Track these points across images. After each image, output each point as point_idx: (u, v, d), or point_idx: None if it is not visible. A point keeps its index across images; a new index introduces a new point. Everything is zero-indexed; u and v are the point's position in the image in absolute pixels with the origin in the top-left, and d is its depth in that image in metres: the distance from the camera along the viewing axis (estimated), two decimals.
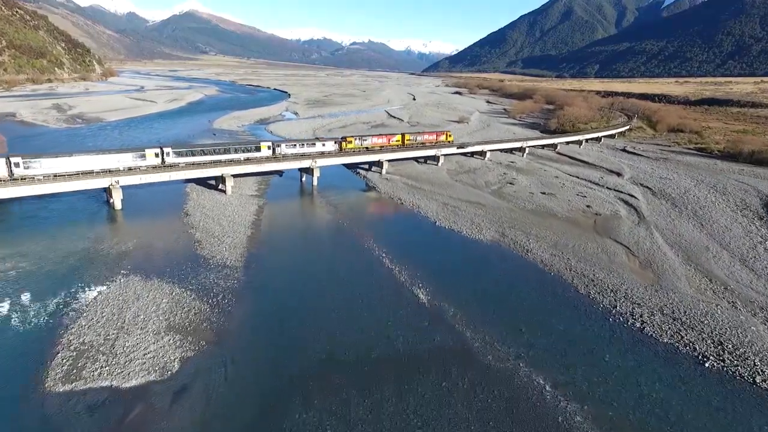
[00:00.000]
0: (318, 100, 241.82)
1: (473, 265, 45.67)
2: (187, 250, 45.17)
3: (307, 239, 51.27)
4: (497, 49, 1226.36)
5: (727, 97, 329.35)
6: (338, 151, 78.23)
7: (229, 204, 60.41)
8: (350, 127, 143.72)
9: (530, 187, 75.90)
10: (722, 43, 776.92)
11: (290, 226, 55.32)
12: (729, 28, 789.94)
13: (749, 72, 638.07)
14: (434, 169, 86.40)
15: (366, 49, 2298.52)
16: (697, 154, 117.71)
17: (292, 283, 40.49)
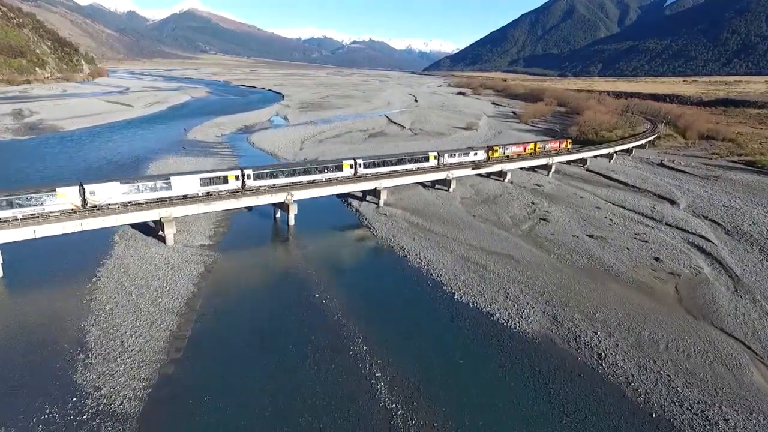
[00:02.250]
0: (313, 102, 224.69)
1: (519, 392, 28.52)
2: (57, 373, 28.05)
3: (263, 335, 34.09)
4: (499, 48, 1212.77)
5: (741, 98, 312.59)
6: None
7: (165, 262, 43.34)
8: (345, 136, 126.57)
9: (571, 225, 58.71)
10: (727, 42, 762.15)
11: (240, 304, 38.01)
12: (734, 26, 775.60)
13: (755, 71, 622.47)
14: (444, 197, 69.23)
15: (366, 48, 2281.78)
16: (748, 169, 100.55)
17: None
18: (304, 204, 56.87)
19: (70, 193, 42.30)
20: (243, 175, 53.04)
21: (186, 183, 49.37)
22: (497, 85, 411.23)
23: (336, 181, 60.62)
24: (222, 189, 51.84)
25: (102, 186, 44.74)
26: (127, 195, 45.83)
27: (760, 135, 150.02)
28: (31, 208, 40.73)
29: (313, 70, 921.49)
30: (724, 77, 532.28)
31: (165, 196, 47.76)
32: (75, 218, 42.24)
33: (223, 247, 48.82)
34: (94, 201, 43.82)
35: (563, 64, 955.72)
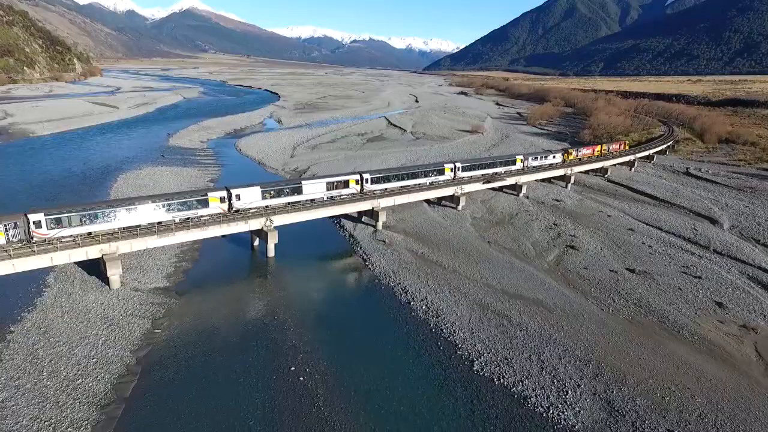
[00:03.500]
0: (309, 103, 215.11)
1: None
2: None
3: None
4: (499, 47, 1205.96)
5: (750, 98, 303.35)
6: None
7: (102, 316, 33.94)
8: (341, 141, 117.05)
9: (604, 255, 49.25)
10: (730, 41, 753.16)
11: (188, 385, 28.52)
12: (737, 25, 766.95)
13: (759, 70, 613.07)
14: (452, 218, 59.73)
15: (367, 46, 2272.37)
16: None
17: None
18: (287, 228, 47.55)
19: (220, 197, 44.33)
20: (362, 179, 54.29)
21: (314, 187, 50.84)
22: (499, 84, 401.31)
23: (326, 202, 51.24)
24: (344, 193, 53.15)
25: (245, 190, 46.05)
26: (265, 200, 47.22)
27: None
28: (191, 211, 42.80)
29: (312, 70, 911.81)
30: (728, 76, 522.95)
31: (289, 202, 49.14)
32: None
33: (181, 289, 39.37)
34: (238, 205, 45.46)
35: (564, 63, 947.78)
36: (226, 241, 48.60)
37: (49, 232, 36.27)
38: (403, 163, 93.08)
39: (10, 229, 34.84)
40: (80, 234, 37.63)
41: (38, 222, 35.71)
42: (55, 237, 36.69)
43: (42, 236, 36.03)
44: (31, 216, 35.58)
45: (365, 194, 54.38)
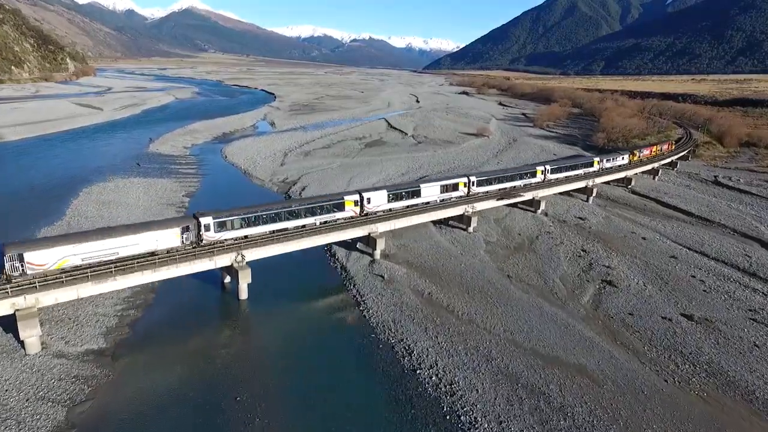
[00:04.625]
0: (306, 104, 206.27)
1: None
2: None
3: None
4: (500, 46, 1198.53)
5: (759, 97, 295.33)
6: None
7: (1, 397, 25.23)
8: (337, 146, 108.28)
9: (650, 294, 40.50)
10: (732, 39, 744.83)
11: None
12: (739, 23, 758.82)
13: (761, 69, 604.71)
14: (463, 242, 50.96)
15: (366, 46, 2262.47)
16: None
17: None
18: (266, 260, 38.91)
19: (354, 200, 45.71)
20: (469, 182, 56.11)
21: (430, 190, 52.59)
22: (501, 84, 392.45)
23: (316, 229, 42.50)
24: (454, 196, 54.84)
25: (374, 194, 47.63)
26: (390, 203, 48.78)
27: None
28: (329, 215, 43.94)
29: (311, 69, 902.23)
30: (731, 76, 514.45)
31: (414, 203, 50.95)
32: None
33: (121, 351, 30.65)
34: (368, 208, 46.68)
35: (565, 62, 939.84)
36: (191, 277, 39.82)
37: (215, 235, 37.40)
38: (404, 172, 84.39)
39: (184, 233, 35.92)
40: (238, 237, 38.54)
41: (207, 225, 37.11)
42: (218, 240, 37.48)
43: (209, 239, 37.19)
44: (202, 219, 36.89)
45: (362, 218, 45.76)
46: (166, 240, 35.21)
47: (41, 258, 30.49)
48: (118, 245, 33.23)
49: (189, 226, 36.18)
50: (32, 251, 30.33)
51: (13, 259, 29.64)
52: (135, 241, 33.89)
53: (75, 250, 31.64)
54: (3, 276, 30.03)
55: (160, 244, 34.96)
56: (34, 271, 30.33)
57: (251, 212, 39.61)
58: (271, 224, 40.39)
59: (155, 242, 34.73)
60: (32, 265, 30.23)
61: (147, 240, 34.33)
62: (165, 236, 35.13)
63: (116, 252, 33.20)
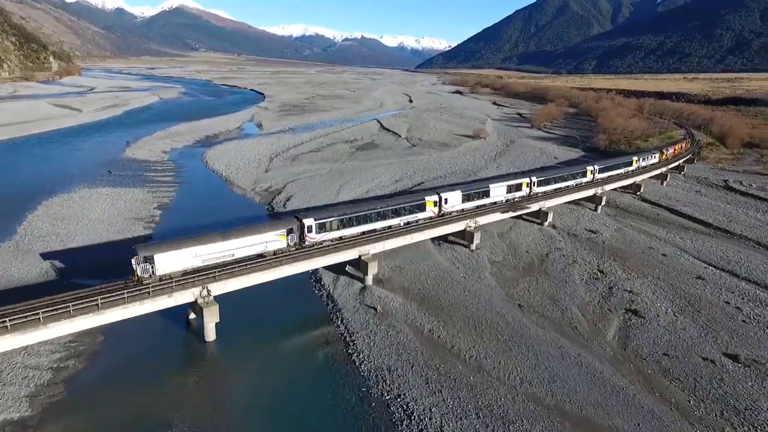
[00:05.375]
0: (296, 104, 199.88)
1: None
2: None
3: None
4: (492, 45, 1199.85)
5: (751, 96, 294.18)
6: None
7: None
8: (327, 149, 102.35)
9: (683, 326, 35.18)
10: (721, 38, 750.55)
11: None
12: (728, 22, 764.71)
13: (750, 68, 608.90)
14: (466, 263, 45.36)
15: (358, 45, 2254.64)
16: None
17: None
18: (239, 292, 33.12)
19: (434, 201, 46.56)
20: (531, 182, 57.05)
21: (498, 190, 53.34)
22: (495, 83, 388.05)
23: (299, 255, 36.69)
24: (518, 196, 55.87)
25: (451, 194, 48.36)
26: (464, 203, 49.70)
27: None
28: (413, 215, 44.93)
29: (302, 68, 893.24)
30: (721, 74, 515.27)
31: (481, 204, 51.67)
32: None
33: (47, 421, 24.62)
34: (445, 209, 47.58)
35: (557, 61, 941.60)
36: (151, 317, 33.82)
37: (316, 236, 38.07)
38: (398, 178, 78.73)
39: (289, 234, 36.62)
40: (335, 238, 39.26)
41: (310, 227, 37.68)
42: (318, 242, 38.28)
43: (311, 240, 37.86)
44: (305, 221, 37.43)
45: (348, 240, 40.05)
46: (275, 242, 36.13)
47: (169, 260, 31.34)
48: (234, 247, 34.16)
49: (293, 228, 37.06)
50: (162, 253, 31.03)
51: (145, 261, 30.40)
52: (249, 243, 34.84)
53: (197, 252, 32.55)
54: (134, 278, 30.54)
55: (269, 246, 35.93)
56: (162, 272, 31.09)
57: (345, 213, 40.44)
58: (362, 225, 41.14)
59: (265, 244, 35.68)
60: (161, 267, 31.10)
61: (258, 242, 35.27)
62: (273, 238, 36.03)
63: (232, 254, 34.14)
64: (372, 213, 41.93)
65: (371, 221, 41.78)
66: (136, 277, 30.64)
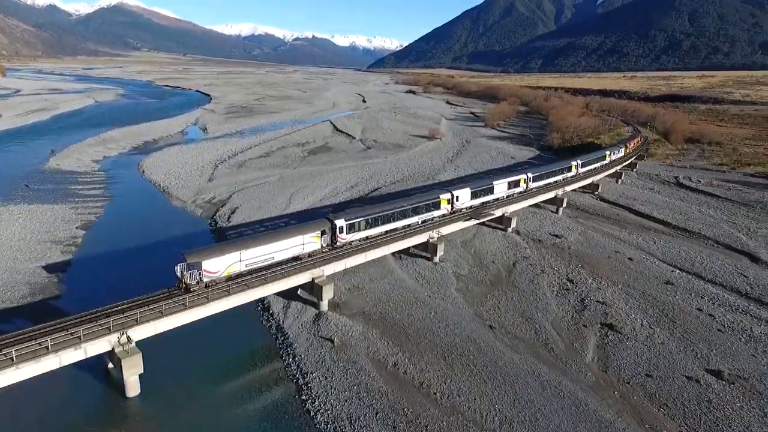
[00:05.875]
0: (245, 106, 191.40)
1: None
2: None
3: None
4: (442, 45, 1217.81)
5: (685, 93, 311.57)
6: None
7: None
8: (277, 153, 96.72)
9: (660, 340, 33.10)
10: (656, 39, 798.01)
11: None
12: (661, 24, 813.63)
13: (682, 66, 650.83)
14: (429, 278, 41.84)
15: (309, 44, 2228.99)
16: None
17: None
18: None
19: (447, 198, 47.88)
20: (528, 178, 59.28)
21: (500, 187, 55.11)
22: (447, 82, 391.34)
23: (233, 288, 31.63)
24: (517, 191, 57.95)
25: (461, 192, 49.82)
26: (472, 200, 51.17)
27: (731, 134, 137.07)
28: (429, 214, 46.00)
29: (252, 68, 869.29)
30: (656, 72, 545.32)
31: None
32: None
33: None
34: (457, 206, 49.05)
35: (505, 60, 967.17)
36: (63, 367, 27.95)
37: (346, 237, 38.49)
38: (354, 183, 74.60)
39: (323, 236, 37.00)
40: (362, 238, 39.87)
41: (342, 227, 38.00)
42: (348, 242, 38.78)
43: (342, 241, 38.25)
44: (337, 222, 37.71)
45: (301, 263, 35.59)
46: (311, 243, 36.31)
47: (215, 266, 30.97)
48: (274, 250, 34.04)
49: (325, 229, 37.33)
50: (209, 259, 30.69)
51: (193, 267, 29.89)
52: (288, 245, 34.84)
53: (241, 257, 32.27)
54: (181, 284, 29.95)
55: (306, 248, 36.12)
56: (208, 278, 30.73)
57: (370, 214, 40.99)
58: (386, 224, 41.88)
59: (302, 247, 35.80)
60: (208, 273, 30.65)
61: (295, 244, 35.29)
62: (310, 240, 36.16)
63: (272, 257, 34.11)
64: (396, 212, 42.66)
65: (394, 220, 42.60)
66: (183, 284, 29.95)
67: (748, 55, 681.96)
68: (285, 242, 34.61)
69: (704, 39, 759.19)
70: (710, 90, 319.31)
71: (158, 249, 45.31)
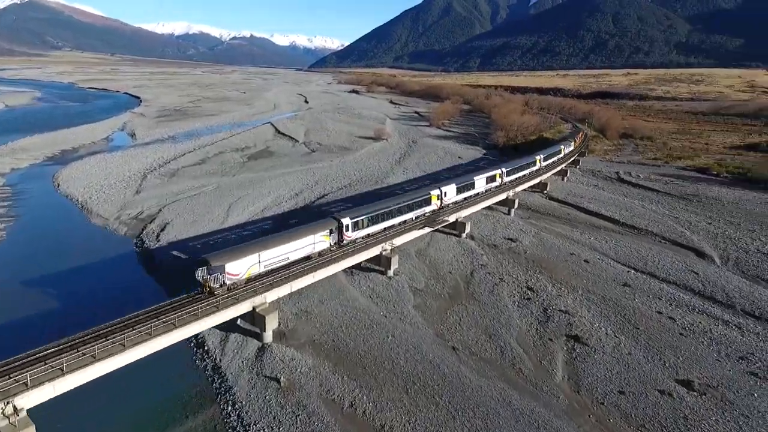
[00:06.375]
0: (179, 108, 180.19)
1: None
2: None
3: None
4: (383, 44, 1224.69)
5: (614, 90, 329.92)
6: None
7: None
8: (213, 160, 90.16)
9: (627, 350, 31.77)
10: (584, 39, 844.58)
11: None
12: (588, 25, 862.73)
13: (608, 65, 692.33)
14: (385, 296, 38.58)
15: (248, 44, 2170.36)
16: (708, 179, 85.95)
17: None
18: None
19: (436, 194, 49.61)
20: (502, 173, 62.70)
21: (480, 182, 57.64)
22: (389, 81, 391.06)
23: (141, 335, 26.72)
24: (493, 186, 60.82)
25: (448, 188, 51.78)
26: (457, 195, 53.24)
27: (659, 128, 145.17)
28: (421, 210, 47.85)
29: (187, 69, 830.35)
30: (587, 71, 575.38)
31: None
32: None
33: None
34: (445, 201, 50.87)
35: (445, 59, 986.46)
36: None
37: (351, 234, 39.59)
38: (299, 190, 70.16)
39: (331, 234, 37.75)
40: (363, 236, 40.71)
41: (347, 225, 39.11)
42: (352, 240, 39.72)
43: (348, 238, 39.25)
44: (343, 220, 38.79)
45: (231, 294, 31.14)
46: (321, 242, 37.00)
47: (238, 268, 30.65)
48: (290, 250, 34.34)
49: (333, 228, 38.04)
50: (232, 261, 30.38)
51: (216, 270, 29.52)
52: (302, 245, 35.37)
53: (260, 258, 32.10)
54: (205, 289, 29.60)
55: (317, 247, 36.74)
56: (231, 281, 30.36)
57: (370, 212, 41.83)
58: (385, 222, 43.02)
59: (313, 246, 36.39)
60: (231, 276, 30.31)
61: (307, 243, 35.85)
62: (320, 239, 36.82)
63: (287, 257, 34.29)
64: (393, 209, 43.97)
65: (392, 217, 43.91)
66: (207, 288, 29.67)
67: (665, 55, 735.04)
68: (299, 242, 35.21)
69: (627, 39, 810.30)
70: (636, 87, 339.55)
71: (71, 279, 39.26)
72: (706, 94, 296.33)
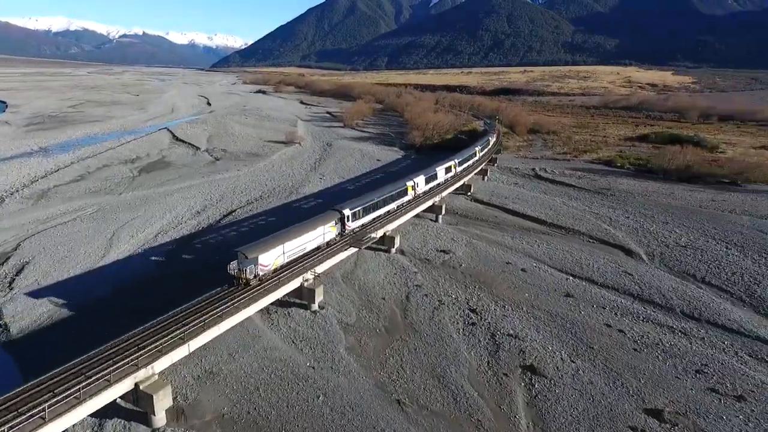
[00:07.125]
0: (56, 114, 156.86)
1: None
2: None
3: None
4: (290, 43, 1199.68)
5: (514, 87, 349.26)
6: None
7: None
8: (96, 174, 77.09)
9: (587, 377, 28.58)
10: (483, 38, 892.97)
11: None
12: (486, 25, 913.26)
13: (506, 62, 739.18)
14: (311, 337, 32.16)
15: (140, 42, 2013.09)
16: (614, 171, 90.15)
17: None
18: None
19: (411, 185, 53.35)
20: (455, 163, 68.53)
21: (441, 173, 62.05)
22: (298, 81, 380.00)
23: None
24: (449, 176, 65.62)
25: (419, 179, 55.41)
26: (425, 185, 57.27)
27: (560, 123, 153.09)
28: (399, 200, 51.00)
29: (70, 69, 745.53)
30: (488, 68, 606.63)
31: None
32: None
33: None
34: (418, 191, 54.76)
35: (353, 58, 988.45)
36: None
37: (352, 224, 42.04)
38: (203, 207, 61.01)
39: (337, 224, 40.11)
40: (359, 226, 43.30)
41: (348, 216, 41.38)
42: (352, 230, 42.11)
43: (349, 228, 41.54)
44: (345, 211, 41.09)
45: None
46: (329, 233, 39.09)
47: (268, 259, 32.15)
48: (306, 240, 36.21)
49: (337, 219, 40.14)
50: (264, 253, 31.79)
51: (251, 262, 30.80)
52: (314, 236, 37.28)
53: (284, 249, 33.87)
54: (241, 280, 30.76)
55: (326, 237, 38.80)
56: (263, 272, 31.76)
57: (364, 203, 44.26)
58: (378, 210, 46.33)
59: (323, 237, 38.39)
60: (263, 267, 31.74)
61: (319, 234, 37.80)
62: (329, 230, 38.96)
63: (304, 247, 36.16)
64: (380, 200, 46.85)
65: (379, 208, 46.78)
66: (243, 279, 30.72)
67: (554, 53, 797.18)
68: (312, 233, 37.03)
69: (521, 39, 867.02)
70: (533, 84, 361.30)
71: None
72: (594, 90, 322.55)
